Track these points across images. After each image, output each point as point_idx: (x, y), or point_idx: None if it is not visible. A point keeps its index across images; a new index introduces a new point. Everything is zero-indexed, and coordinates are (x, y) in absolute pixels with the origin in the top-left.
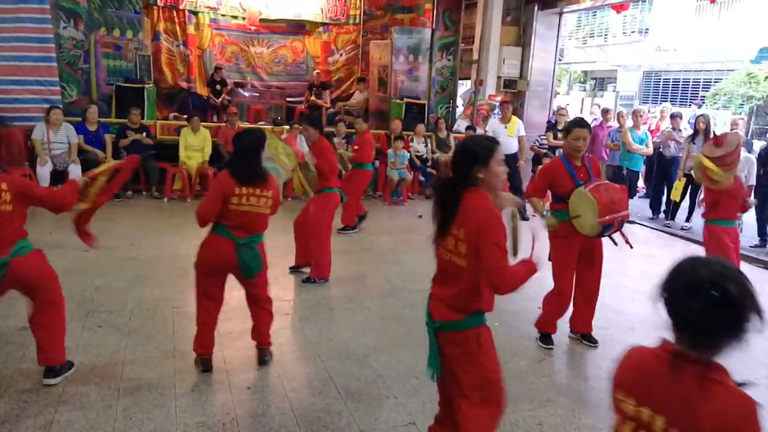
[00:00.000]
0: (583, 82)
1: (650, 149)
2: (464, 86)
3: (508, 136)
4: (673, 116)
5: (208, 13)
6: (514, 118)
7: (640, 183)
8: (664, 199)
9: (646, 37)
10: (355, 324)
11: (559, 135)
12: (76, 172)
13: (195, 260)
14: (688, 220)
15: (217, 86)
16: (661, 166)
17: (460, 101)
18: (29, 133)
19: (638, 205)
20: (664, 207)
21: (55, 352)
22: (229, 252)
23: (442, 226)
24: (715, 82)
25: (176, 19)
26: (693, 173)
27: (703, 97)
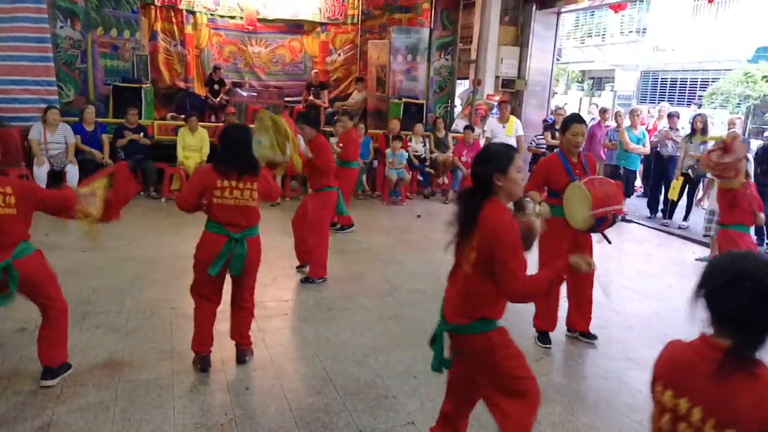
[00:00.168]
0: (581, 82)
1: (647, 149)
2: (462, 86)
3: (506, 136)
4: (670, 115)
5: (206, 13)
6: (513, 118)
7: (638, 182)
8: (662, 198)
9: (644, 36)
10: (354, 324)
11: (557, 134)
12: (73, 172)
13: (193, 261)
14: (685, 219)
15: (216, 86)
16: (659, 165)
17: (458, 101)
18: (26, 133)
19: (636, 204)
20: (661, 206)
21: (57, 352)
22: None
23: (462, 235)
24: (713, 82)
25: (174, 19)
26: (696, 168)
27: (701, 97)
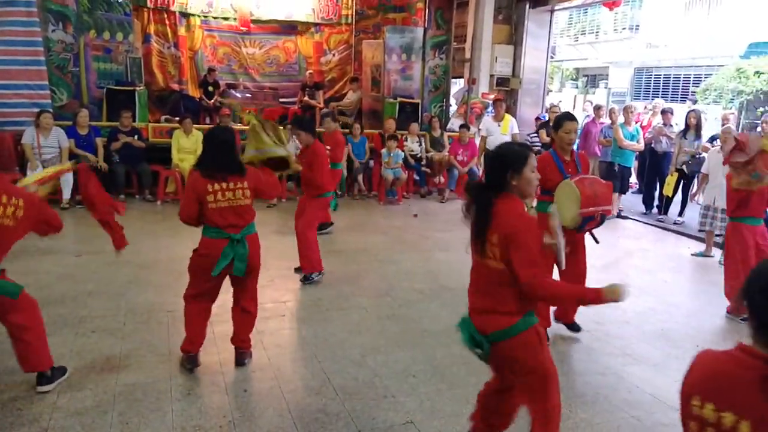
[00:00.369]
0: (576, 79)
1: (641, 145)
2: (457, 85)
3: (501, 134)
4: (664, 112)
5: (199, 15)
6: (508, 116)
7: (633, 179)
8: (657, 194)
9: (637, 33)
10: (352, 324)
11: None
12: (67, 177)
13: (189, 264)
14: (680, 214)
15: (210, 88)
16: (653, 161)
17: (453, 100)
18: (19, 137)
19: (631, 201)
20: (656, 202)
21: (41, 357)
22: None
23: (478, 233)
24: (706, 78)
25: (167, 21)
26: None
27: (694, 93)
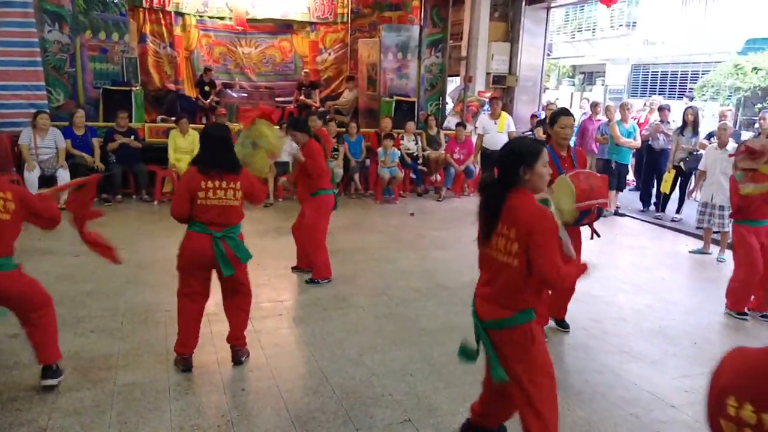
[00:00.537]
0: (572, 77)
1: (638, 142)
2: (453, 83)
3: (497, 132)
4: (661, 108)
5: (195, 15)
6: (504, 114)
7: (630, 176)
8: (654, 191)
9: (634, 30)
10: (349, 323)
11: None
12: (64, 177)
13: (176, 261)
14: (678, 211)
15: (206, 87)
16: (651, 158)
17: (450, 98)
18: (16, 138)
19: (628, 198)
20: (654, 199)
21: (53, 349)
22: (207, 247)
23: (488, 226)
24: (703, 74)
25: (162, 21)
26: (687, 161)
27: (691, 89)
